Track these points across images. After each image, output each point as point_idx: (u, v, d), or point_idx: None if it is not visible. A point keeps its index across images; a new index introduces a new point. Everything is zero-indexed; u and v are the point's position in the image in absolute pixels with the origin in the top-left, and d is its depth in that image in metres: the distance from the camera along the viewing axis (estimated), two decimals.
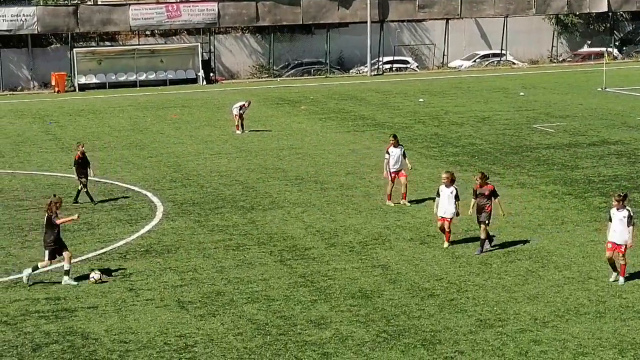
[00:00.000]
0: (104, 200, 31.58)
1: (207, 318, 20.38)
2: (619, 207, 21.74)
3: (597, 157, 37.03)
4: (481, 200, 24.47)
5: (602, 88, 58.48)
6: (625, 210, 21.67)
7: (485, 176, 24.85)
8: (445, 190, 25.09)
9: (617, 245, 21.70)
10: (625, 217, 21.62)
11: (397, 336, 19.10)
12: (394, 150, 30.07)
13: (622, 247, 21.63)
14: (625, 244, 21.63)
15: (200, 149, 41.09)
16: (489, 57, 78.87)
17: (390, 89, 62.42)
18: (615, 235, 21.75)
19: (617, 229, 21.75)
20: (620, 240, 21.65)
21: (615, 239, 21.74)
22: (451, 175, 25.26)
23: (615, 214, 21.82)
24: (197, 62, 70.60)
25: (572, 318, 19.86)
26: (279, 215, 29.20)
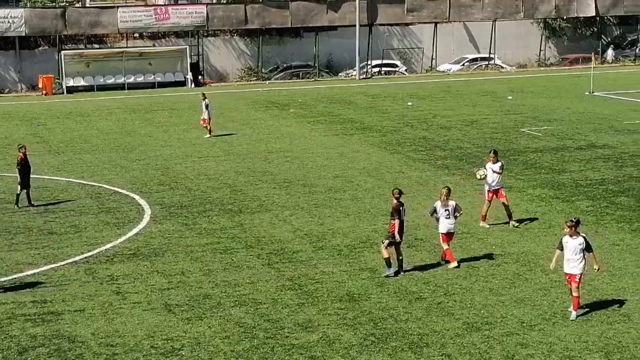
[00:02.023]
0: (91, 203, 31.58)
1: (194, 321, 20.36)
2: (572, 234, 19.89)
3: (585, 161, 37.13)
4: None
5: (590, 92, 58.61)
6: (580, 237, 19.87)
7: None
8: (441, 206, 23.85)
9: (572, 275, 19.95)
10: (582, 245, 19.81)
11: (385, 339, 19.11)
12: (493, 166, 27.62)
13: (577, 278, 19.85)
14: (580, 274, 19.86)
15: (189, 152, 41.05)
16: (477, 60, 78.95)
17: (378, 93, 62.47)
18: (569, 265, 19.96)
19: (571, 259, 19.91)
20: (576, 270, 19.85)
21: (570, 269, 19.97)
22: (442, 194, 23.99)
23: (568, 242, 19.93)
24: (186, 64, 70.52)
25: (559, 321, 19.90)
26: (266, 218, 29.19)
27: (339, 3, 73.84)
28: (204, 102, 45.08)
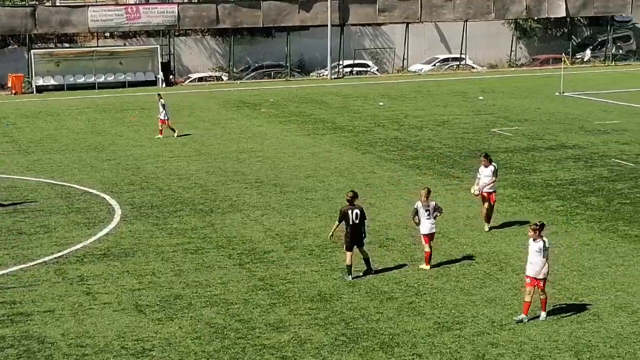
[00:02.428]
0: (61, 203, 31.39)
1: (165, 322, 20.28)
2: (535, 238, 19.90)
3: (555, 161, 37.30)
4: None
5: (560, 92, 58.90)
6: (541, 241, 19.85)
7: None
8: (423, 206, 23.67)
9: (534, 279, 19.88)
10: (541, 249, 19.82)
11: (356, 339, 19.12)
12: (485, 170, 27.25)
13: (541, 282, 19.86)
14: (544, 277, 19.92)
15: (159, 152, 40.90)
16: (448, 61, 79.13)
17: (350, 93, 62.50)
18: (532, 268, 19.94)
19: (533, 261, 19.91)
20: (539, 274, 19.86)
21: (532, 272, 19.91)
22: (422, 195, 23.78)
23: (531, 245, 20.03)
24: (157, 64, 70.26)
25: (530, 321, 19.96)
26: (238, 218, 29.14)
27: (310, 3, 73.79)
28: (160, 102, 44.86)
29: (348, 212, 22.74)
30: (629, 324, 19.74)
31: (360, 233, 22.95)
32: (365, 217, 23.08)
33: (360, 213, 22.84)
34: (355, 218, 22.70)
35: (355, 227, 22.77)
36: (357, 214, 22.76)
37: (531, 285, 19.88)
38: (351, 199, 22.85)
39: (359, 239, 22.94)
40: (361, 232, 22.95)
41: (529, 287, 19.91)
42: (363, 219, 22.93)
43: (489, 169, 27.21)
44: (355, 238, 22.84)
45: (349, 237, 22.82)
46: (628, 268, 23.50)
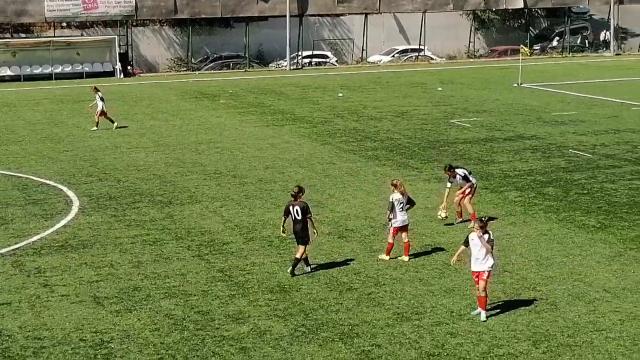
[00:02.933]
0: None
1: (124, 314, 20.17)
2: (483, 233, 19.45)
3: (513, 152, 37.53)
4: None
5: (518, 84, 59.28)
6: (486, 235, 19.48)
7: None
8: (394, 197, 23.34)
9: (479, 273, 19.54)
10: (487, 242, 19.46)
11: (315, 330, 19.13)
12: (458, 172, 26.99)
13: (484, 275, 19.46)
14: (488, 271, 19.51)
15: (117, 143, 40.65)
16: (407, 52, 79.40)
17: (309, 84, 62.48)
18: (476, 263, 19.57)
19: (478, 257, 19.52)
20: (483, 268, 19.49)
21: (477, 267, 19.57)
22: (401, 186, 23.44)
23: (474, 240, 19.53)
24: (115, 54, 69.80)
25: (488, 311, 20.02)
26: (197, 209, 29.03)
27: None
28: (98, 95, 44.39)
29: (289, 208, 22.31)
30: (585, 313, 19.91)
31: (303, 229, 22.23)
32: (308, 213, 22.21)
33: (302, 209, 22.16)
34: (296, 214, 22.17)
35: (298, 223, 22.22)
36: (298, 210, 22.17)
37: (477, 282, 19.63)
38: (295, 195, 22.36)
39: (302, 235, 22.29)
40: (304, 228, 22.21)
41: (482, 282, 19.59)
42: (305, 215, 22.17)
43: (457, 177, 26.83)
44: (297, 234, 22.31)
45: (293, 232, 22.44)
46: (585, 258, 23.71)
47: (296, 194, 22.39)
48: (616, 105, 50.47)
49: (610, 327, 19.13)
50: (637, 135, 40.89)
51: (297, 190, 22.46)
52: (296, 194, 22.39)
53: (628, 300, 20.67)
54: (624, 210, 28.23)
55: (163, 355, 17.98)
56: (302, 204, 22.31)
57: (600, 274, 22.45)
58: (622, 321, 19.43)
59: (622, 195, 30.20)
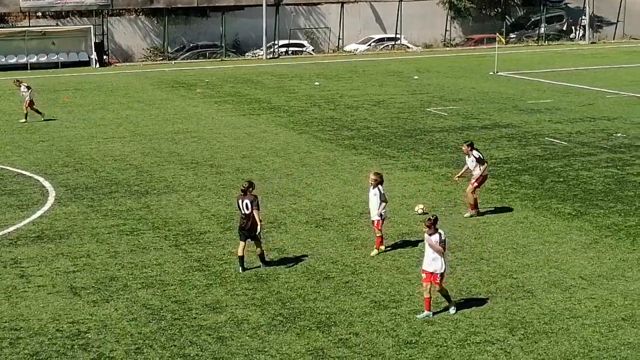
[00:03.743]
0: None
1: (101, 304, 20.13)
2: (431, 232, 19.04)
3: (489, 140, 37.64)
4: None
5: (494, 72, 59.44)
6: (437, 235, 19.03)
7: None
8: (370, 191, 23.22)
9: (431, 274, 19.07)
10: (438, 242, 19.00)
11: (293, 319, 19.15)
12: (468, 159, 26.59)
13: (438, 278, 19.04)
14: (440, 273, 19.02)
15: (94, 133, 40.49)
16: (383, 41, 79.42)
17: (286, 73, 62.42)
18: (426, 262, 19.14)
19: (430, 256, 19.09)
20: (432, 268, 19.03)
21: (428, 267, 19.12)
22: (379, 177, 23.11)
23: (425, 239, 19.17)
24: (90, 44, 69.45)
25: (464, 298, 20.16)
26: (173, 199, 28.98)
27: None
28: (23, 86, 43.80)
29: (238, 202, 21.90)
30: (562, 300, 20.03)
31: (252, 224, 21.76)
32: (257, 209, 21.73)
33: (251, 203, 21.65)
34: (245, 208, 21.68)
35: (246, 218, 21.79)
36: (248, 204, 21.68)
37: (427, 281, 19.10)
38: (245, 189, 21.84)
39: (250, 231, 21.84)
40: (253, 223, 21.74)
41: (425, 283, 19.16)
42: (253, 207, 21.73)
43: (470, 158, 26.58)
44: (245, 229, 21.87)
45: (240, 227, 22.17)
46: (561, 245, 23.83)
47: (246, 189, 21.84)
48: (591, 93, 50.70)
49: (586, 313, 19.26)
50: (612, 123, 41.10)
51: (248, 185, 21.93)
52: (246, 188, 21.84)
53: (603, 287, 20.81)
54: (600, 198, 28.39)
55: (140, 345, 17.97)
56: (251, 198, 21.78)
57: (576, 261, 22.59)
58: (597, 308, 19.56)
59: (597, 182, 30.36)
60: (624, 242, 24.03)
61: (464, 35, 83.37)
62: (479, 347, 17.73)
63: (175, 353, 17.66)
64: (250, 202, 21.71)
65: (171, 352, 17.72)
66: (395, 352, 17.56)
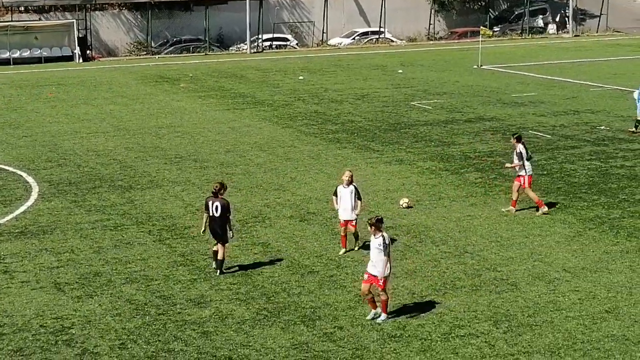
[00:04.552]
0: None
1: (85, 299, 20.08)
2: (374, 234, 18.44)
3: (473, 134, 37.68)
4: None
5: (478, 65, 59.50)
6: (380, 237, 18.40)
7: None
8: (342, 190, 22.71)
9: (374, 277, 18.52)
10: (381, 245, 18.34)
11: (278, 313, 19.15)
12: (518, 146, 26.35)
13: (380, 280, 18.45)
14: (383, 277, 18.45)
15: (77, 128, 40.35)
16: (367, 34, 79.37)
17: (270, 67, 62.34)
18: (371, 265, 18.56)
19: (373, 259, 18.49)
20: (375, 271, 18.47)
21: (371, 269, 18.55)
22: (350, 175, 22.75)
23: (371, 241, 18.64)
24: (73, 39, 69.18)
25: (449, 292, 20.21)
26: (157, 194, 28.92)
27: None
28: None
29: (208, 203, 21.23)
30: (545, 292, 20.09)
31: (222, 227, 21.23)
32: (229, 212, 21.27)
33: (222, 207, 21.08)
34: (215, 211, 21.08)
35: (215, 221, 21.17)
36: (218, 207, 21.07)
37: (368, 282, 18.53)
38: (216, 191, 21.20)
39: (220, 234, 21.29)
40: (223, 226, 21.23)
41: (365, 284, 18.61)
42: (225, 213, 21.14)
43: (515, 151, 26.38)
44: (215, 232, 21.33)
45: (210, 230, 21.44)
46: (545, 238, 23.89)
47: (217, 190, 21.23)
48: (575, 86, 50.81)
49: (569, 306, 19.33)
50: (595, 116, 41.21)
51: (219, 187, 21.32)
52: (217, 190, 21.23)
53: (587, 279, 20.88)
54: (583, 191, 28.46)
55: (125, 341, 17.93)
56: (223, 202, 21.20)
57: (560, 253, 22.65)
58: (581, 300, 19.63)
59: (581, 175, 30.44)
60: (607, 235, 24.11)
61: (448, 29, 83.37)
62: (463, 340, 17.77)
63: (159, 348, 17.63)
64: (222, 207, 21.11)
65: (156, 347, 17.69)
66: (379, 346, 17.58)
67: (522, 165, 26.17)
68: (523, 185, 26.21)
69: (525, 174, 26.14)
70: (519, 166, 26.22)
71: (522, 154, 26.20)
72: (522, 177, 26.21)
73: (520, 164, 26.19)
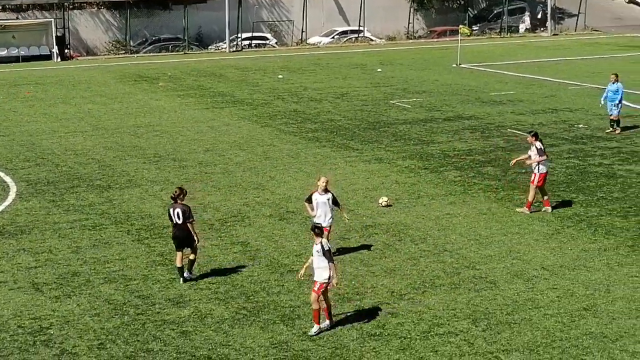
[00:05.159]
0: None
1: (63, 299, 19.99)
2: (315, 240, 18.07)
3: (452, 132, 37.75)
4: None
5: (457, 64, 59.62)
6: (319, 244, 17.92)
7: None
8: (319, 197, 21.83)
9: (314, 283, 18.14)
10: (320, 252, 17.90)
11: (257, 312, 19.13)
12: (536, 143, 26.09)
13: (316, 287, 18.02)
14: (320, 283, 17.97)
15: (55, 127, 40.17)
16: (347, 33, 79.41)
17: (249, 66, 62.26)
18: (318, 272, 18.07)
19: (315, 265, 18.11)
20: (321, 278, 18.00)
21: (318, 277, 18.04)
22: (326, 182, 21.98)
23: (314, 247, 18.16)
24: (51, 38, 68.88)
25: (428, 290, 20.24)
26: (136, 193, 28.82)
27: None
28: None
29: (170, 211, 20.79)
30: (524, 290, 20.15)
31: (186, 233, 20.69)
32: (191, 218, 20.69)
33: (182, 213, 20.54)
34: (177, 217, 20.56)
35: (178, 228, 20.70)
36: (179, 213, 20.54)
37: (317, 292, 18.08)
38: (175, 197, 20.67)
39: (185, 240, 20.75)
40: (187, 232, 20.69)
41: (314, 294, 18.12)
42: (187, 219, 20.63)
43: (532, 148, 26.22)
44: (179, 239, 20.77)
45: (173, 237, 20.97)
46: (523, 236, 23.96)
47: (176, 196, 20.70)
48: (553, 84, 50.98)
49: (548, 304, 19.39)
50: (574, 115, 41.35)
51: (178, 192, 20.76)
52: (177, 196, 20.70)
53: (565, 277, 20.95)
54: (561, 189, 28.56)
55: (103, 341, 17.87)
56: (183, 207, 20.63)
57: (538, 251, 22.73)
58: (559, 298, 19.70)
59: (559, 173, 30.54)
60: (585, 233, 24.21)
61: (427, 28, 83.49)
62: (442, 338, 17.79)
63: (138, 348, 17.58)
64: (183, 213, 20.58)
65: (134, 347, 17.64)
66: (359, 345, 17.58)
67: (542, 161, 26.01)
68: (532, 181, 26.18)
69: (538, 172, 26.12)
70: (539, 162, 26.00)
71: (542, 149, 26.13)
72: (534, 174, 26.11)
73: (543, 159, 26.05)
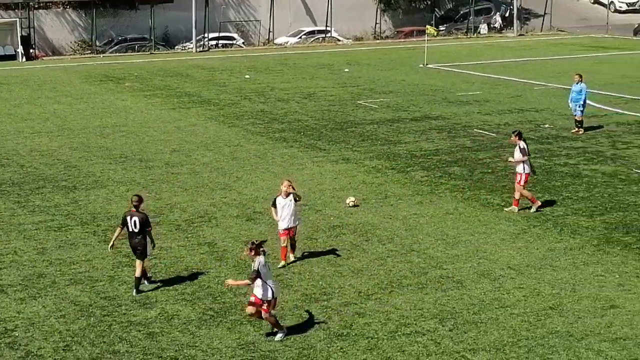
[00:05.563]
0: None
1: (28, 301, 19.84)
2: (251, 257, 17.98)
3: (419, 132, 37.84)
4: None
5: (424, 64, 59.78)
6: (256, 262, 17.79)
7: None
8: (282, 201, 21.85)
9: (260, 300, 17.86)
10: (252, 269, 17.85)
11: (224, 313, 19.08)
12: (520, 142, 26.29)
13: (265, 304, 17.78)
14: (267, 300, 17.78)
15: (20, 128, 39.87)
16: (314, 33, 79.42)
17: (216, 66, 62.11)
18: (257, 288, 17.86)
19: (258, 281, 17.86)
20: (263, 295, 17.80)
21: (257, 292, 17.84)
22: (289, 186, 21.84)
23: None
24: (16, 38, 68.34)
25: (395, 290, 20.27)
26: (102, 194, 28.67)
27: None
28: None
29: (127, 218, 20.30)
30: (490, 290, 20.22)
31: (141, 243, 20.26)
32: (148, 226, 20.29)
33: (140, 221, 20.15)
34: (134, 226, 20.17)
35: (134, 236, 20.30)
36: (136, 222, 20.14)
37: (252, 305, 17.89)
38: (136, 205, 20.28)
39: (139, 250, 20.31)
40: (142, 241, 20.25)
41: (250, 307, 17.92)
42: (144, 227, 20.22)
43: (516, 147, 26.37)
44: (134, 248, 20.43)
45: (130, 246, 20.64)
46: (490, 236, 24.06)
47: (137, 204, 20.30)
48: (519, 85, 51.24)
49: (514, 303, 19.48)
50: (540, 115, 41.59)
51: (137, 200, 20.36)
52: (136, 203, 20.29)
53: (532, 276, 21.06)
54: (528, 188, 28.64)
55: (69, 343, 17.75)
56: (142, 215, 20.28)
57: (505, 251, 22.83)
58: (526, 297, 19.79)
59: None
60: (551, 232, 24.35)
61: (394, 28, 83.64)
62: (409, 338, 17.82)
63: (104, 350, 17.48)
64: (141, 222, 20.20)
65: (101, 348, 17.54)
66: (326, 345, 17.58)
67: (526, 160, 26.15)
68: (518, 182, 26.30)
69: (523, 172, 26.24)
70: (521, 162, 26.17)
71: (526, 149, 26.25)
72: (519, 175, 26.24)
73: (526, 159, 26.19)
